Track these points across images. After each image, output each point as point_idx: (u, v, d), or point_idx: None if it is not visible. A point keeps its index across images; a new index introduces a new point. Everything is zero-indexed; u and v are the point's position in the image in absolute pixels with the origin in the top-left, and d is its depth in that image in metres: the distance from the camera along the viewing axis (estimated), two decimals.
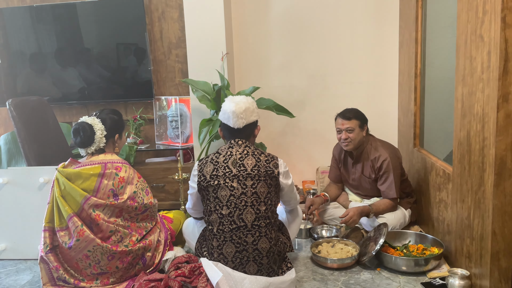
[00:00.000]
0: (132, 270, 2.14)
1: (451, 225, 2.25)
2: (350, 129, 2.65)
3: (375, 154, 2.68)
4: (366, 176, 2.76)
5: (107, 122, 2.22)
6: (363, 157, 2.75)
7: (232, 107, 2.09)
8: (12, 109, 2.82)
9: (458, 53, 2.09)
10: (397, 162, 2.68)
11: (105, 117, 2.23)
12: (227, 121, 2.12)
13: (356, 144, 2.69)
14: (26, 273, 2.49)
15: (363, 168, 2.76)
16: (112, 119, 2.26)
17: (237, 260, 2.01)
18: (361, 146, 2.74)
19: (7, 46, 3.70)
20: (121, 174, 2.17)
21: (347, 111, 2.70)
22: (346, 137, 2.66)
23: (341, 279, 2.21)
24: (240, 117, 2.09)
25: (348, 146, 2.70)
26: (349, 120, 2.65)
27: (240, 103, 2.11)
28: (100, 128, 2.19)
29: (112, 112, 2.31)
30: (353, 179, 2.86)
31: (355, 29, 3.45)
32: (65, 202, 2.10)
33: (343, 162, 2.91)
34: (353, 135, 2.66)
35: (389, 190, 2.63)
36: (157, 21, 3.60)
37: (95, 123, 2.18)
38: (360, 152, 2.76)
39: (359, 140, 2.69)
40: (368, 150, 2.73)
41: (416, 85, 2.93)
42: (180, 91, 3.66)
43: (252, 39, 3.56)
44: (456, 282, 1.98)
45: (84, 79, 3.69)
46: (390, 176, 2.61)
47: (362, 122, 2.68)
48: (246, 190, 2.02)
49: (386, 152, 2.66)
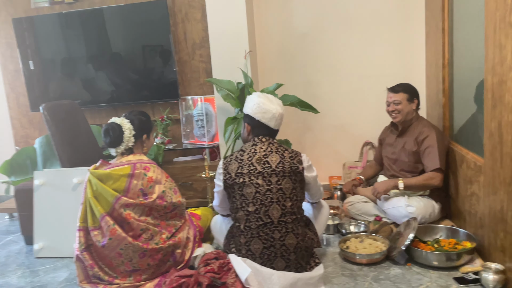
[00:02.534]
0: (163, 267, 2.20)
1: (483, 218, 2.19)
2: (397, 102, 2.74)
3: (421, 129, 2.73)
4: (407, 149, 2.77)
5: (135, 122, 2.29)
6: (409, 132, 2.80)
7: (279, 109, 2.16)
8: (45, 113, 2.94)
9: (487, 42, 2.03)
10: (443, 137, 2.70)
11: (133, 118, 2.30)
12: (268, 122, 2.14)
13: (404, 115, 2.76)
14: (63, 270, 2.59)
15: (405, 143, 2.80)
16: (140, 120, 2.32)
17: (264, 256, 2.02)
18: (408, 121, 2.79)
19: (39, 53, 3.84)
20: (149, 174, 2.22)
21: (397, 85, 2.81)
22: (393, 109, 2.77)
23: (370, 275, 2.19)
24: (282, 119, 2.19)
25: (396, 118, 2.78)
26: (397, 93, 2.76)
27: (281, 105, 2.20)
28: (129, 128, 2.25)
29: (140, 114, 2.37)
30: (393, 153, 2.88)
31: (380, 21, 3.39)
32: (97, 202, 2.17)
33: (386, 138, 2.99)
34: (400, 107, 2.74)
35: (432, 161, 2.61)
36: (180, 22, 3.66)
37: (124, 123, 2.25)
38: (407, 126, 2.81)
39: (407, 112, 2.75)
40: (414, 126, 2.79)
41: (444, 76, 2.86)
42: (205, 91, 3.70)
43: (274, 36, 3.56)
44: (490, 276, 1.93)
45: (112, 82, 3.79)
46: (434, 148, 2.62)
47: (410, 95, 2.76)
48: (272, 187, 2.04)
49: (433, 128, 2.71)
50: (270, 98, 2.19)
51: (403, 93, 2.75)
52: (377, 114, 3.38)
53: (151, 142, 2.44)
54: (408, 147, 2.77)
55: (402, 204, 2.60)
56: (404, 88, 2.78)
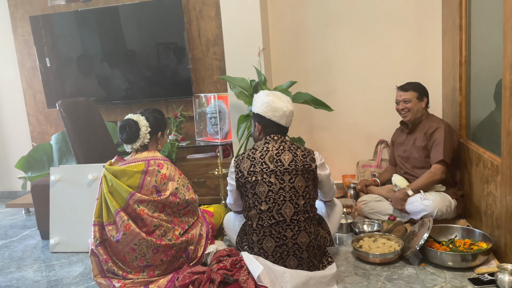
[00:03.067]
0: (176, 262, 2.21)
1: (500, 219, 2.15)
2: (407, 100, 2.76)
3: (431, 124, 2.74)
4: (417, 145, 2.78)
5: (151, 119, 2.31)
6: (419, 129, 2.82)
7: (289, 106, 2.15)
8: (61, 110, 2.98)
9: (505, 39, 1.99)
10: (451, 132, 2.70)
11: (148, 115, 2.32)
12: (279, 120, 2.14)
13: (414, 114, 2.77)
14: (78, 265, 2.63)
15: (416, 139, 2.81)
16: (155, 117, 2.34)
17: (277, 254, 2.02)
18: (418, 118, 2.80)
19: (56, 50, 3.90)
20: (163, 171, 2.24)
21: (406, 83, 2.82)
22: (403, 108, 2.78)
23: (384, 274, 2.17)
24: (292, 116, 2.19)
25: (406, 116, 2.80)
26: (406, 92, 2.77)
27: (290, 102, 2.19)
28: (145, 125, 2.27)
29: (155, 111, 2.39)
30: (404, 151, 2.89)
31: (396, 18, 3.35)
32: (112, 198, 2.19)
33: (397, 138, 3.00)
34: (410, 105, 2.76)
35: (436, 153, 2.64)
36: (194, 20, 3.67)
37: (140, 120, 2.27)
38: (417, 123, 2.82)
39: (417, 110, 2.77)
40: (424, 122, 2.80)
41: (461, 74, 2.81)
42: (218, 88, 3.71)
43: (288, 34, 3.55)
44: (506, 278, 1.90)
45: (127, 80, 3.83)
46: (441, 142, 2.64)
47: (420, 94, 2.77)
48: (284, 185, 2.03)
49: (442, 123, 2.72)
50: (278, 95, 2.18)
51: (413, 92, 2.76)
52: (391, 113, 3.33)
53: (165, 139, 2.47)
54: (418, 143, 2.79)
55: (417, 198, 2.60)
56: (414, 86, 2.78)
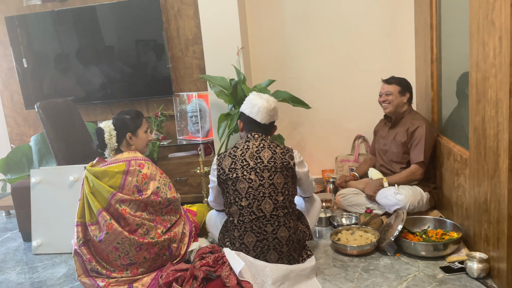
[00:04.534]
0: (160, 260, 2.26)
1: (469, 209, 2.26)
2: (389, 93, 2.86)
3: (412, 121, 2.83)
4: (398, 140, 2.88)
5: (117, 123, 2.32)
6: (401, 123, 2.91)
7: (264, 103, 2.19)
8: (40, 112, 2.97)
9: (471, 39, 2.09)
10: (432, 131, 2.79)
11: (116, 119, 2.33)
12: (255, 116, 2.20)
13: (394, 107, 2.87)
14: (62, 266, 2.65)
15: (397, 134, 2.91)
16: (121, 119, 2.33)
17: (258, 249, 2.09)
18: (400, 114, 2.90)
19: (32, 51, 3.86)
20: (144, 171, 2.28)
21: (391, 77, 2.92)
22: (384, 100, 2.88)
23: (361, 265, 2.26)
24: (269, 114, 2.21)
25: (386, 108, 2.90)
26: (390, 85, 2.87)
27: (270, 101, 2.22)
28: (108, 131, 2.29)
29: (125, 113, 2.37)
30: (384, 144, 3.00)
31: (371, 17, 3.45)
32: (94, 198, 2.22)
33: (380, 130, 3.09)
34: (391, 98, 2.85)
35: (417, 154, 2.75)
36: (173, 19, 3.68)
37: (106, 127, 2.30)
38: (399, 119, 2.92)
39: (397, 103, 2.86)
40: (406, 118, 2.89)
41: (432, 70, 2.92)
42: (199, 87, 3.75)
43: (266, 33, 3.60)
44: (475, 265, 2.01)
45: (106, 80, 3.82)
46: (422, 142, 2.73)
47: (403, 88, 2.87)
48: (264, 182, 2.10)
49: (423, 121, 2.80)
50: (261, 95, 2.26)
51: (396, 85, 2.86)
52: (368, 108, 3.45)
53: (141, 139, 2.39)
54: (398, 138, 2.88)
55: (391, 193, 2.69)
56: (398, 81, 2.89)
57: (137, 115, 2.39)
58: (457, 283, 2.00)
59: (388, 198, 2.72)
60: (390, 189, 2.76)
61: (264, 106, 2.19)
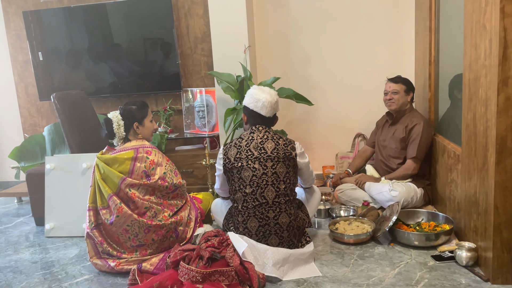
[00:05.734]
0: (167, 242, 2.40)
1: (461, 203, 2.39)
2: (395, 91, 2.99)
3: (412, 119, 2.97)
4: (396, 136, 3.03)
5: (124, 114, 2.45)
6: (401, 121, 3.05)
7: (268, 97, 2.30)
8: (56, 102, 3.12)
9: (465, 41, 2.22)
10: (429, 130, 2.93)
11: (123, 109, 2.46)
12: (260, 110, 2.32)
13: (399, 105, 3.01)
14: (73, 248, 2.79)
15: (396, 130, 3.05)
16: (128, 110, 2.46)
17: (260, 233, 2.23)
18: (402, 111, 3.04)
19: (47, 45, 4.01)
20: (151, 158, 2.42)
21: (397, 76, 3.07)
22: (391, 98, 3.01)
23: (357, 253, 2.40)
24: (273, 107, 2.33)
25: (391, 106, 3.03)
26: (396, 83, 3.01)
27: (272, 95, 2.34)
28: (116, 121, 2.43)
29: (131, 103, 2.49)
30: (383, 140, 3.14)
31: (373, 19, 3.59)
32: (105, 184, 2.37)
33: (382, 127, 3.22)
34: (397, 97, 2.99)
35: (412, 150, 2.90)
36: (183, 18, 3.83)
37: (114, 117, 2.44)
38: (400, 116, 3.06)
39: (402, 102, 3.01)
40: (407, 116, 3.03)
41: (430, 72, 3.05)
42: (206, 83, 3.89)
43: (272, 32, 3.75)
44: (463, 254, 2.14)
45: (118, 74, 3.97)
46: (418, 138, 2.88)
47: (408, 88, 3.02)
48: (267, 171, 2.24)
49: (422, 119, 2.94)
50: (263, 89, 2.37)
51: (402, 84, 3.01)
52: (368, 108, 3.59)
53: (147, 128, 2.51)
54: (397, 134, 3.02)
55: (386, 189, 2.82)
56: (403, 80, 3.04)
57: (142, 105, 2.51)
58: (447, 270, 2.13)
59: (383, 194, 2.85)
60: (385, 185, 2.88)
61: (268, 100, 2.31)
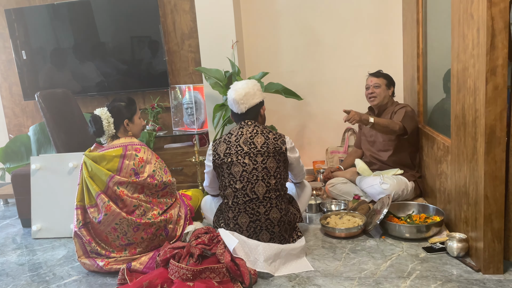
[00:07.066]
0: (156, 240, 2.36)
1: (451, 194, 2.39)
2: (377, 85, 3.00)
3: (394, 108, 2.99)
4: None
5: (114, 111, 2.40)
6: (384, 113, 3.04)
7: (232, 95, 2.30)
8: (40, 101, 3.05)
9: (453, 32, 2.22)
10: (413, 112, 2.93)
11: (112, 106, 2.41)
12: (232, 107, 2.35)
13: (381, 99, 3.01)
14: (61, 249, 2.74)
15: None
16: (117, 106, 2.41)
17: (251, 229, 2.20)
18: (384, 105, 3.05)
19: (29, 43, 3.93)
20: (140, 155, 2.38)
21: (377, 71, 3.08)
22: (372, 92, 3.01)
23: (348, 246, 2.39)
24: (240, 103, 2.29)
25: (374, 101, 3.04)
26: (378, 78, 3.03)
27: (239, 90, 2.29)
28: (105, 118, 2.37)
29: (120, 100, 2.45)
30: (370, 135, 3.13)
31: (361, 12, 3.58)
32: (93, 182, 2.32)
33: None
34: (379, 91, 3.00)
35: (396, 118, 2.87)
36: (169, 14, 3.78)
37: (103, 113, 2.38)
38: (382, 110, 3.07)
39: (384, 96, 3.02)
40: (389, 108, 3.04)
41: (418, 64, 3.06)
42: (194, 79, 3.85)
43: (260, 27, 3.72)
44: (454, 245, 2.14)
45: (104, 72, 3.90)
46: (402, 112, 2.87)
47: (389, 82, 3.05)
48: (257, 166, 2.21)
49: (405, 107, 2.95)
50: (236, 85, 2.34)
51: (383, 79, 3.03)
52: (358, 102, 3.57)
53: (137, 125, 2.49)
54: None
55: (377, 182, 2.81)
56: (384, 75, 3.06)
57: (130, 102, 2.47)
58: (438, 261, 2.13)
59: (374, 187, 2.85)
60: (376, 179, 2.88)
61: (233, 97, 2.30)
